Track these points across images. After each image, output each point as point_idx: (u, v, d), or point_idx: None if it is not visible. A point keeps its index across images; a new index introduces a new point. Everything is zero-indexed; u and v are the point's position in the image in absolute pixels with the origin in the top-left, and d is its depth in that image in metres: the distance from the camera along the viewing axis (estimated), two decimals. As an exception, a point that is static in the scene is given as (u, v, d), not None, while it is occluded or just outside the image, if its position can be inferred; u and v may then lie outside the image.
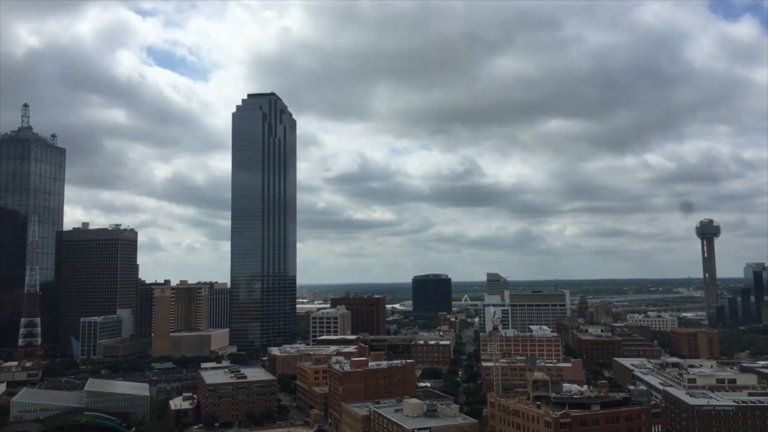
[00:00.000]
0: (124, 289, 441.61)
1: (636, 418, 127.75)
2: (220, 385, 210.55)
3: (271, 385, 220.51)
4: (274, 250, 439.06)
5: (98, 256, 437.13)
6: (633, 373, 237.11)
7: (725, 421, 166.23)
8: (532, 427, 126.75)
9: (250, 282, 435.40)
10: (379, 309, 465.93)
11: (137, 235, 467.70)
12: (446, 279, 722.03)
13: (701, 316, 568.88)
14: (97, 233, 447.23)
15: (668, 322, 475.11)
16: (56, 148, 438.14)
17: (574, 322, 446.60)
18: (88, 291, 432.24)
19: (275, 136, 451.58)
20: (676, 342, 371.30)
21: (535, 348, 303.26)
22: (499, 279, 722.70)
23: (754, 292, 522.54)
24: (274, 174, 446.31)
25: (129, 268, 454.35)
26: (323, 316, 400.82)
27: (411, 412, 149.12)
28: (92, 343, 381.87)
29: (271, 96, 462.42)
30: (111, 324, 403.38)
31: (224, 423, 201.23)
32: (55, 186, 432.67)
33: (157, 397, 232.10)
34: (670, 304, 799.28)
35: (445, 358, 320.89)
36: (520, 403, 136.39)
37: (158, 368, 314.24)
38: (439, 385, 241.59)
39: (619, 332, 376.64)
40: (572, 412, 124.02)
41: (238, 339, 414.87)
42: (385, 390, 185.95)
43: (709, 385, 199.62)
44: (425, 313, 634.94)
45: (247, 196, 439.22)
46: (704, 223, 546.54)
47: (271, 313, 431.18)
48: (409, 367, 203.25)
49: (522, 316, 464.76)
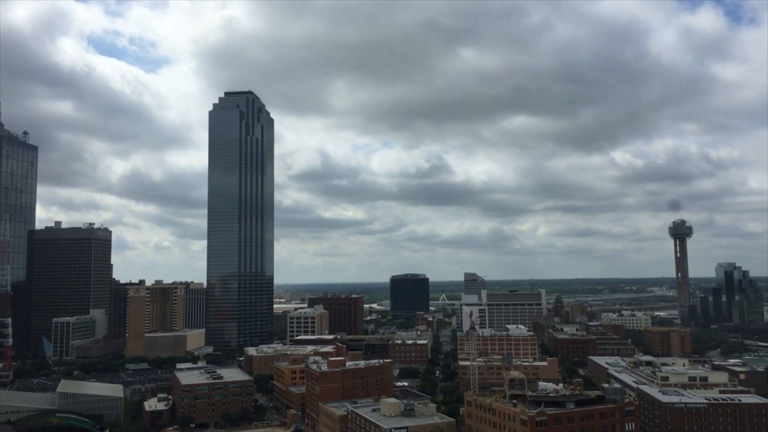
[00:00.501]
0: (98, 288, 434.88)
1: (610, 415, 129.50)
2: (195, 385, 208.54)
3: (248, 385, 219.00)
4: (251, 250, 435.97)
5: (71, 255, 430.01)
6: (607, 372, 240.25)
7: (697, 419, 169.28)
8: (509, 426, 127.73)
9: (227, 282, 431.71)
10: (357, 309, 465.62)
11: (111, 234, 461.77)
12: (424, 279, 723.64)
13: (674, 315, 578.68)
14: (69, 232, 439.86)
15: (642, 321, 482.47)
16: (28, 146, 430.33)
17: (550, 321, 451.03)
18: (61, 291, 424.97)
19: (252, 134, 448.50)
20: (649, 340, 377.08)
21: (512, 347, 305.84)
22: (476, 279, 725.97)
23: (725, 292, 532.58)
24: (252, 173, 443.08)
25: (103, 267, 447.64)
26: (300, 316, 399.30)
27: (388, 411, 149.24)
28: (65, 343, 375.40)
29: (248, 94, 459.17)
30: (84, 324, 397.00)
31: (200, 424, 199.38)
32: (26, 184, 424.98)
33: (132, 398, 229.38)
34: (643, 303, 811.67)
35: (423, 357, 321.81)
36: (496, 401, 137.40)
37: (133, 369, 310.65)
38: (417, 385, 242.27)
39: (594, 331, 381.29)
40: (548, 411, 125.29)
41: (215, 339, 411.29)
42: (362, 390, 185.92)
43: (682, 383, 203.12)
44: (403, 313, 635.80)
45: (223, 196, 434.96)
46: (677, 224, 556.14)
47: (248, 313, 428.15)
48: (387, 366, 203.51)
49: (499, 315, 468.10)
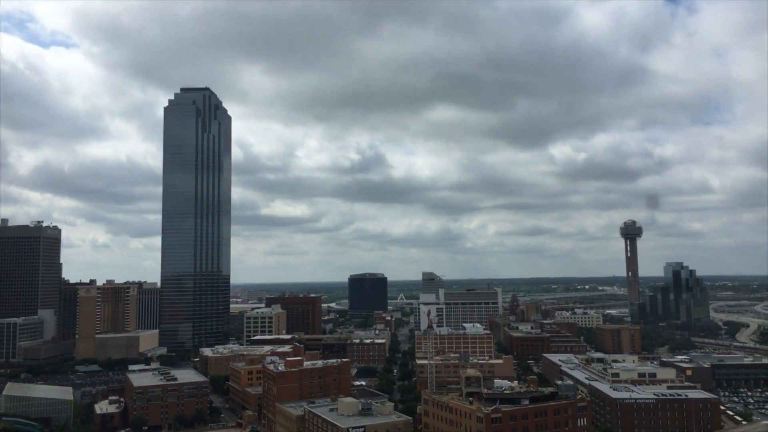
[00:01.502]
0: (47, 288, 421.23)
1: (563, 411, 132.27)
2: (148, 387, 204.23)
3: (203, 386, 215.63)
4: (206, 249, 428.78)
5: (18, 254, 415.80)
6: (561, 369, 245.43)
7: (646, 414, 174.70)
8: (465, 423, 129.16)
9: (182, 281, 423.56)
10: (315, 308, 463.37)
11: (60, 233, 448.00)
12: (382, 278, 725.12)
13: (624, 313, 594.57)
14: (17, 230, 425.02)
15: (594, 318, 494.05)
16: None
17: (505, 320, 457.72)
18: (7, 291, 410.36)
19: (209, 132, 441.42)
20: (600, 338, 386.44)
21: (469, 345, 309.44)
22: (434, 278, 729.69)
23: (673, 290, 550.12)
24: (208, 171, 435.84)
25: (51, 266, 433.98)
26: (258, 316, 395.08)
27: (346, 411, 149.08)
28: (11, 345, 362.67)
29: (205, 91, 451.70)
30: (32, 325, 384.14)
31: (153, 426, 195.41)
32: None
33: (82, 401, 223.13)
34: (595, 301, 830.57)
35: (381, 356, 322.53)
36: (453, 399, 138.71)
37: (83, 371, 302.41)
38: (375, 384, 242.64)
39: (548, 329, 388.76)
40: (503, 408, 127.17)
41: (169, 340, 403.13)
42: (320, 389, 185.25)
43: (632, 380, 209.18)
44: (361, 312, 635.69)
45: (178, 194, 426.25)
46: (627, 224, 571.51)
47: (204, 313, 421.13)
48: (345, 366, 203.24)
49: (456, 314, 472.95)
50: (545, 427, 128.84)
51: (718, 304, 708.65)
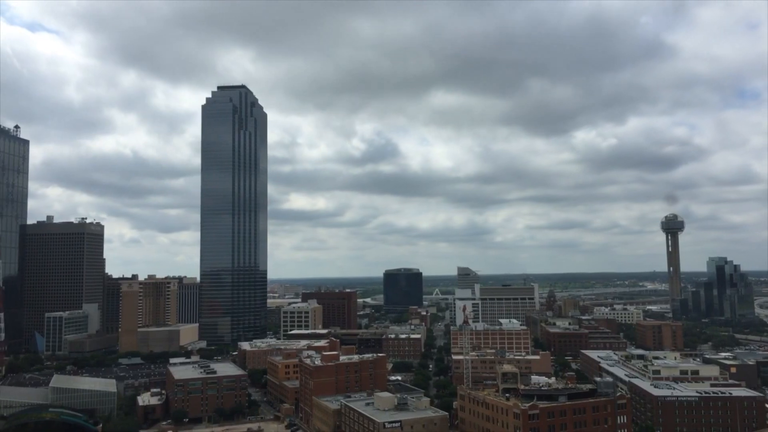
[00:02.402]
0: (91, 283, 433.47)
1: (602, 408, 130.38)
2: (189, 380, 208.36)
3: (241, 380, 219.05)
4: (244, 244, 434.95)
5: (63, 250, 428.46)
6: (599, 365, 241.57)
7: (688, 412, 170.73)
8: (501, 419, 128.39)
9: (220, 276, 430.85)
10: (351, 303, 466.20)
11: (104, 229, 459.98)
12: (417, 273, 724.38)
13: (665, 309, 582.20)
14: (62, 227, 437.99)
15: (634, 315, 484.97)
16: (19, 140, 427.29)
17: (542, 316, 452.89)
18: (53, 285, 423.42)
19: (245, 129, 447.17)
20: (641, 334, 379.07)
21: (505, 341, 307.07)
22: (469, 273, 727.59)
23: (716, 286, 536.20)
24: (244, 168, 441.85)
25: (95, 262, 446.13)
26: (294, 311, 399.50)
27: (382, 405, 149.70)
28: (57, 338, 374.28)
29: (241, 89, 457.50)
30: (77, 319, 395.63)
31: (193, 418, 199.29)
32: (18, 178, 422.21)
33: (125, 393, 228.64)
34: (635, 297, 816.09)
35: (416, 351, 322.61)
36: (489, 395, 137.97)
37: (126, 364, 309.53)
38: (410, 379, 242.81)
39: (587, 325, 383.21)
40: (540, 404, 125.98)
41: (208, 334, 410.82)
42: (356, 384, 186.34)
43: (673, 377, 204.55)
44: (396, 307, 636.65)
45: (216, 191, 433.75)
46: (669, 218, 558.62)
47: (242, 308, 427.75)
48: (380, 360, 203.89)
49: (492, 309, 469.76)
50: (584, 424, 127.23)
51: (763, 300, 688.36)
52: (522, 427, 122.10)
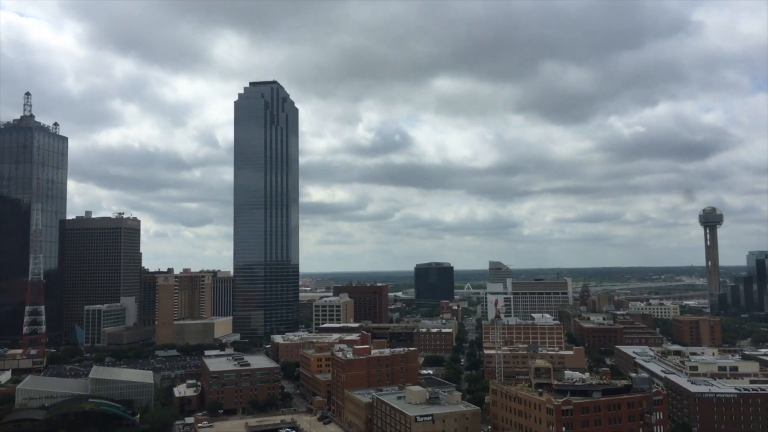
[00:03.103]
0: (128, 277, 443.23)
1: (637, 405, 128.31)
2: (223, 372, 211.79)
3: (275, 372, 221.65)
4: (276, 239, 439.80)
5: (101, 244, 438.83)
6: (635, 361, 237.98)
7: (727, 409, 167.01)
8: (534, 414, 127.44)
9: (253, 270, 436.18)
10: (382, 297, 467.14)
11: (140, 224, 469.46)
12: (448, 267, 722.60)
13: (703, 304, 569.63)
14: (100, 222, 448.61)
15: (670, 310, 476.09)
16: (58, 137, 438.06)
17: (576, 310, 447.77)
18: (92, 279, 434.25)
19: (277, 124, 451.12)
20: (678, 330, 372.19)
21: (537, 336, 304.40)
22: (501, 267, 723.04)
23: (756, 281, 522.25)
24: (276, 163, 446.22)
25: (132, 256, 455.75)
26: (326, 305, 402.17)
27: (414, 399, 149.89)
28: (96, 330, 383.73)
29: (272, 84, 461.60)
30: (115, 312, 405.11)
31: (228, 410, 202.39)
32: (57, 174, 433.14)
33: (161, 384, 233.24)
34: (672, 292, 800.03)
35: (448, 345, 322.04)
36: (522, 390, 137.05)
37: (162, 356, 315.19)
38: (442, 373, 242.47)
39: (622, 320, 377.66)
40: (574, 399, 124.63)
41: (242, 327, 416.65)
42: (387, 377, 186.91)
43: (711, 373, 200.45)
44: (428, 302, 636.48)
45: (249, 186, 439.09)
46: (707, 211, 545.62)
47: (274, 301, 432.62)
48: (412, 354, 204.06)
49: (524, 304, 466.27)
50: (618, 420, 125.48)
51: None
52: (555, 423, 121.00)
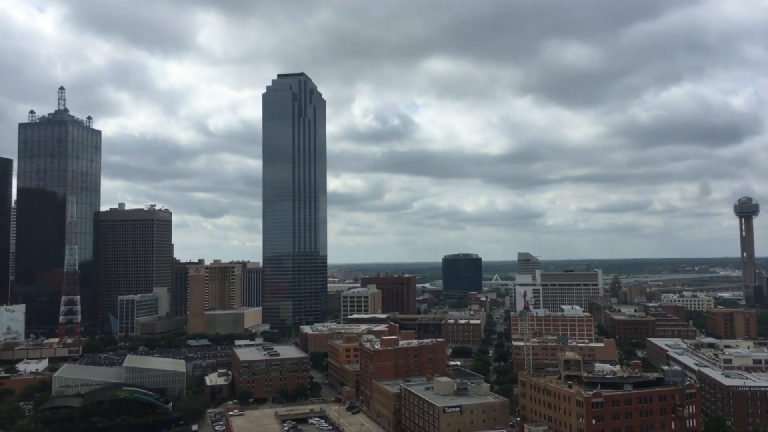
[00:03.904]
0: (160, 267, 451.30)
1: (669, 398, 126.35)
2: (253, 362, 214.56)
3: (304, 362, 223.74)
4: (304, 230, 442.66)
5: (134, 235, 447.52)
6: (667, 354, 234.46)
7: (762, 402, 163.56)
8: (564, 407, 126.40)
9: (282, 261, 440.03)
10: (410, 288, 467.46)
11: (171, 215, 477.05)
12: (476, 258, 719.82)
13: (738, 297, 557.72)
14: (133, 213, 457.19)
15: (704, 302, 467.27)
16: (92, 130, 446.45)
17: (607, 302, 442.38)
18: (126, 270, 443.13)
19: (305, 116, 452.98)
20: (711, 322, 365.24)
21: (567, 328, 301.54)
22: (530, 259, 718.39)
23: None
24: (304, 155, 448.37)
25: (164, 247, 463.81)
26: (354, 296, 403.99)
27: (442, 390, 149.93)
28: (130, 320, 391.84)
29: (300, 76, 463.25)
30: (148, 302, 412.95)
31: (258, 399, 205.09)
32: (91, 167, 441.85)
33: (193, 373, 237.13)
34: (705, 283, 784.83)
35: (476, 337, 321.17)
36: (551, 382, 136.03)
37: (194, 345, 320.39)
38: (470, 364, 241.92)
39: (654, 312, 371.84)
40: (604, 392, 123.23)
41: (271, 317, 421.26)
42: (415, 368, 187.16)
43: (746, 366, 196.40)
44: (455, 293, 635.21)
45: (277, 178, 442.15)
46: (743, 201, 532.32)
47: (303, 292, 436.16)
48: (440, 346, 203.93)
49: (553, 295, 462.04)
50: (650, 413, 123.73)
51: None
52: (585, 415, 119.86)
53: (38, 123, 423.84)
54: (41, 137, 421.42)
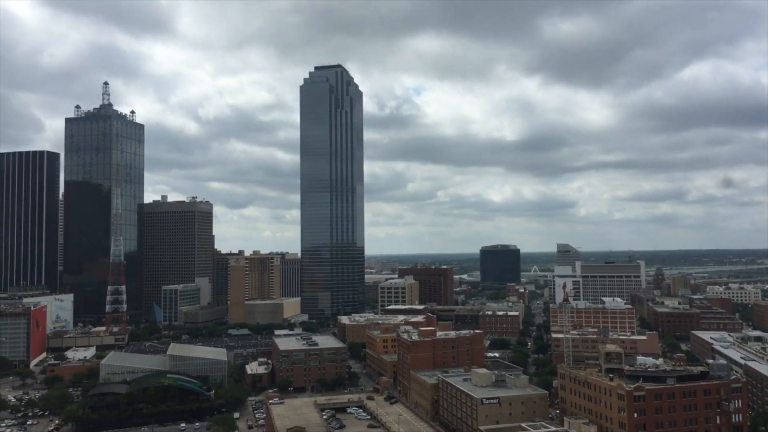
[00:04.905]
0: (201, 258, 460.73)
1: (714, 392, 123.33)
2: (293, 351, 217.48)
3: (342, 352, 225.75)
4: (341, 222, 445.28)
5: (177, 227, 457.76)
6: (712, 347, 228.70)
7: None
8: (605, 400, 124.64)
9: (320, 252, 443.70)
10: (447, 280, 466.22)
11: (212, 207, 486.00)
12: (514, 250, 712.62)
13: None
14: (175, 205, 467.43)
15: (751, 294, 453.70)
16: (135, 124, 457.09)
17: (649, 294, 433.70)
18: (168, 260, 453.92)
19: (342, 108, 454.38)
20: (759, 315, 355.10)
21: (608, 320, 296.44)
22: (569, 250, 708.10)
23: None
24: (342, 146, 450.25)
25: (205, 238, 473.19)
26: (391, 286, 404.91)
27: (480, 381, 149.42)
28: (173, 309, 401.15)
29: (337, 68, 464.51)
30: (190, 292, 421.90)
31: (297, 388, 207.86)
32: (135, 160, 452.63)
33: (234, 361, 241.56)
34: (753, 275, 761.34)
35: (514, 329, 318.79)
36: (592, 375, 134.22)
37: (234, 334, 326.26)
38: (508, 356, 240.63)
39: (698, 305, 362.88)
40: (647, 386, 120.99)
41: (309, 308, 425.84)
42: (453, 359, 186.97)
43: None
44: (493, 284, 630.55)
45: (315, 171, 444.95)
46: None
47: (341, 283, 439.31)
48: (477, 337, 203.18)
49: (594, 287, 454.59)
50: (694, 407, 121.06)
51: None
52: (627, 409, 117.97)
53: (83, 118, 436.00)
54: (86, 132, 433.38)
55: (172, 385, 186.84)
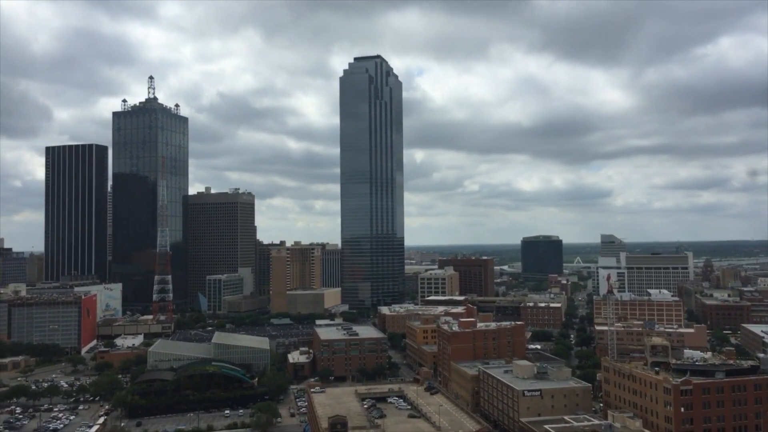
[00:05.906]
0: (244, 249, 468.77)
1: (765, 387, 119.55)
2: (334, 341, 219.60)
3: (382, 342, 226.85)
4: (381, 213, 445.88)
5: (220, 218, 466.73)
6: (763, 341, 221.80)
7: None
8: (651, 394, 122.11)
9: (360, 243, 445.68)
10: (487, 271, 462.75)
11: (254, 199, 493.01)
12: (557, 240, 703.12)
13: None
14: (218, 197, 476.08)
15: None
16: (180, 117, 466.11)
17: (697, 286, 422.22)
18: (212, 250, 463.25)
19: (381, 98, 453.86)
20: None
21: (654, 312, 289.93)
22: (614, 241, 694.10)
23: None
24: (382, 137, 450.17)
25: (247, 229, 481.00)
26: (431, 277, 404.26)
27: (521, 373, 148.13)
28: (217, 299, 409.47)
29: (376, 59, 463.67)
30: (234, 282, 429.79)
31: (338, 377, 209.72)
32: (180, 153, 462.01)
33: (276, 350, 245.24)
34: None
35: (556, 320, 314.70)
36: (637, 368, 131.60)
37: (277, 324, 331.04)
38: (550, 348, 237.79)
39: (749, 297, 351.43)
40: (694, 380, 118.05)
41: (350, 298, 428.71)
42: (493, 351, 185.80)
43: None
44: (535, 276, 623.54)
45: (355, 161, 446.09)
46: None
47: (381, 274, 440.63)
48: (519, 329, 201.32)
49: (639, 279, 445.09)
50: (743, 402, 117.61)
51: None
52: (673, 403, 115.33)
53: (130, 111, 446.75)
54: (133, 125, 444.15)
55: (216, 373, 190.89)
